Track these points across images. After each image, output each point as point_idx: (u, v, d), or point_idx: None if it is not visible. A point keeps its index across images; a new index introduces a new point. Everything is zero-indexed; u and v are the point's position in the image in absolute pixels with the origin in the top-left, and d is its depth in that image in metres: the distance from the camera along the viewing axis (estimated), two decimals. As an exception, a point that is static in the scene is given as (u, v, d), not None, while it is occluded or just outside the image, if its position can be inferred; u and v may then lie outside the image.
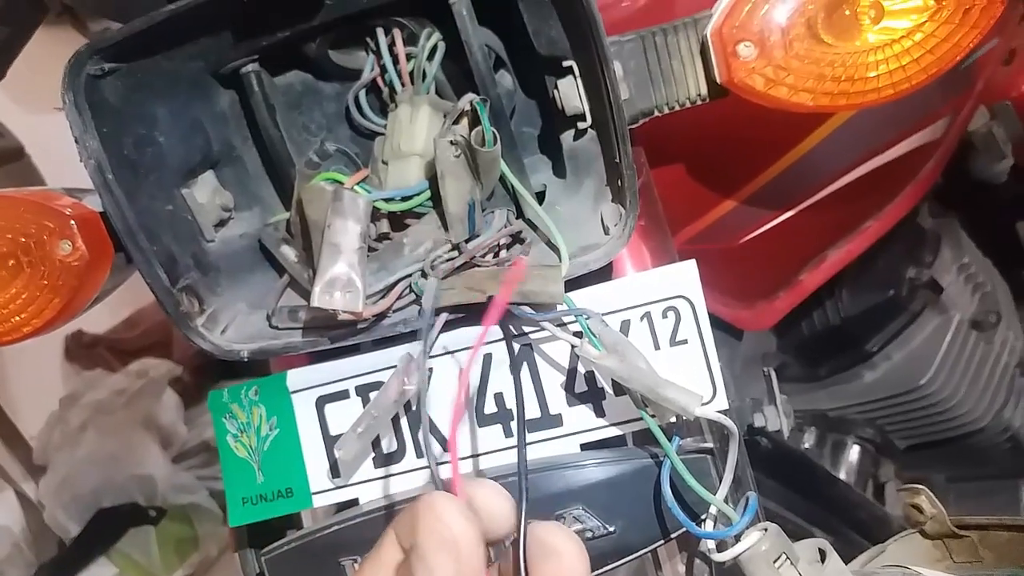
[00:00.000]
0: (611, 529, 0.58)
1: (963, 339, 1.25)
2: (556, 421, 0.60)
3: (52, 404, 2.23)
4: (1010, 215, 1.39)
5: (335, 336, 0.61)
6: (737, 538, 0.53)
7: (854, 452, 1.32)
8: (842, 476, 1.29)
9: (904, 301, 1.21)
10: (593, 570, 0.60)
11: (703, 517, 0.56)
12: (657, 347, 0.59)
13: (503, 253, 0.62)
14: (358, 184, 0.61)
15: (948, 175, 1.18)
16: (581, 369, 0.60)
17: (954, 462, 1.35)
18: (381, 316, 0.60)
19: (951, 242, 1.30)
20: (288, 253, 0.65)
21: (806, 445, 1.30)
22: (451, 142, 0.56)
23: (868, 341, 1.23)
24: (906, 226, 1.16)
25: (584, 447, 0.60)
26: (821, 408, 1.31)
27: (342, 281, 0.55)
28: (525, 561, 0.41)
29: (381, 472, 0.63)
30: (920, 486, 0.65)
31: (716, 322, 1.01)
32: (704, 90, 0.61)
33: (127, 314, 2.47)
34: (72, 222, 0.61)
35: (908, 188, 1.06)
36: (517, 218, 0.65)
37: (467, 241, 0.60)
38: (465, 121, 0.60)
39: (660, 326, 0.59)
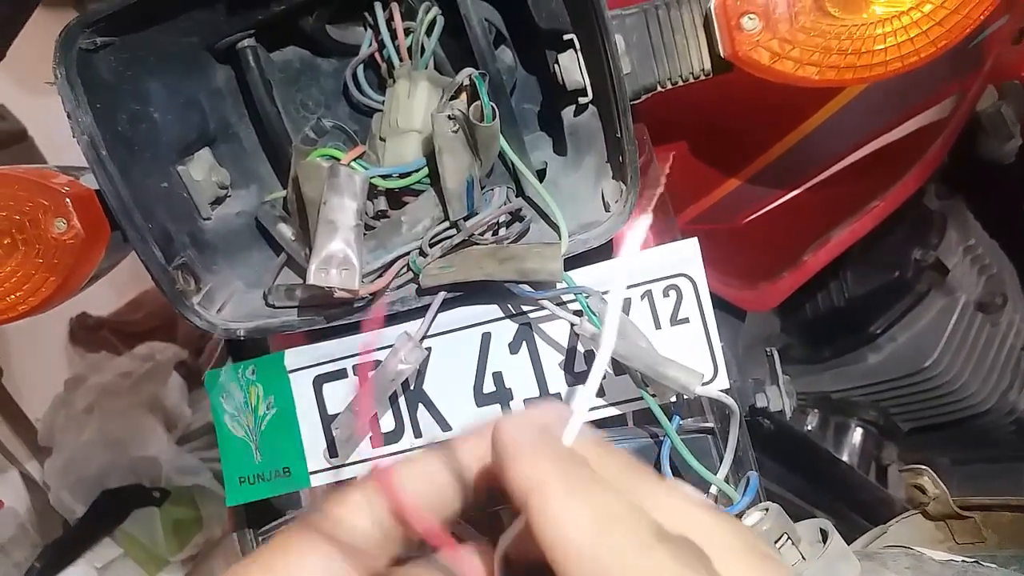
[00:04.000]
0: (610, 509, 0.57)
1: (968, 321, 1.24)
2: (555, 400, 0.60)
3: (57, 386, 2.23)
4: (1017, 196, 1.37)
5: (332, 315, 0.60)
6: (738, 518, 0.53)
7: (857, 434, 1.31)
8: (845, 458, 1.28)
9: (909, 282, 1.20)
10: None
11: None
12: (658, 326, 0.58)
13: (502, 231, 0.61)
14: (355, 160, 0.60)
15: (955, 156, 1.17)
16: (580, 348, 0.59)
17: (958, 445, 1.34)
18: (378, 295, 0.60)
19: (957, 223, 1.29)
20: (285, 231, 0.64)
21: (809, 427, 1.29)
22: (449, 117, 0.55)
23: (873, 323, 1.22)
24: (912, 207, 1.14)
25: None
26: (825, 390, 1.30)
27: (338, 259, 0.54)
28: None
29: (379, 451, 0.63)
30: (923, 467, 0.64)
31: (719, 303, 1.00)
32: (708, 65, 0.59)
33: (132, 296, 2.47)
34: (67, 200, 0.60)
35: (915, 168, 1.05)
36: (517, 196, 0.64)
37: (465, 219, 0.59)
38: (464, 96, 0.59)
39: (661, 305, 0.58)
